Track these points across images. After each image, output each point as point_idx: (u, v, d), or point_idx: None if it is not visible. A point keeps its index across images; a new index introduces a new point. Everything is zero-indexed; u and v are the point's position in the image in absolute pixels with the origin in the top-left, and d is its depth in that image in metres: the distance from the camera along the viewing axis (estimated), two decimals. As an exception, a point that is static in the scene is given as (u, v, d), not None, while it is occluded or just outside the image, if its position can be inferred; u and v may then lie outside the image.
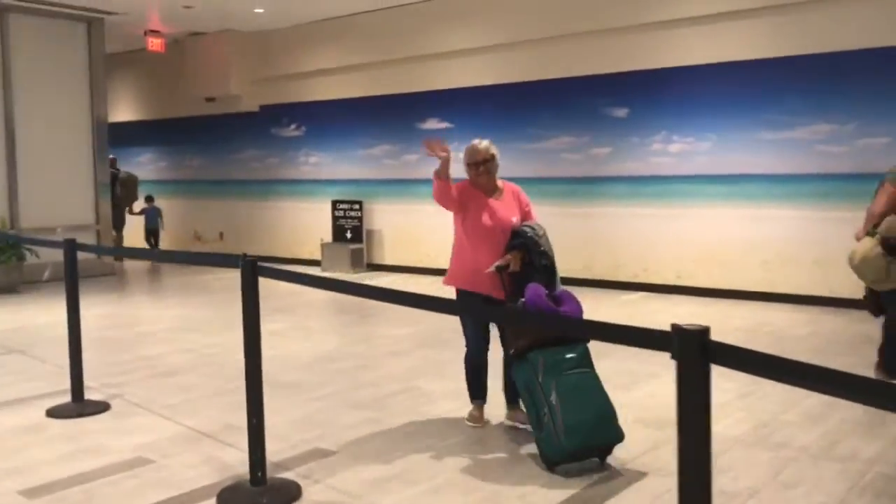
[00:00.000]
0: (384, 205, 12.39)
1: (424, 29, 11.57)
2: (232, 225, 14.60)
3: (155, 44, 13.29)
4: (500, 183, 4.68)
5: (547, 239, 4.49)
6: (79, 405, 5.14)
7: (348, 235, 12.61)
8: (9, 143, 11.39)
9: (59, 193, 11.98)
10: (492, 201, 4.58)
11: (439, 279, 4.96)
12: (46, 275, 11.50)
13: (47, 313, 8.99)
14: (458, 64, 11.39)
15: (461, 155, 4.72)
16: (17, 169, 11.45)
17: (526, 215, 4.67)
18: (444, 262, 5.08)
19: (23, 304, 9.66)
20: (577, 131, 10.29)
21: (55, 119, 11.91)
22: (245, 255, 3.82)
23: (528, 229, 4.46)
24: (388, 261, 12.42)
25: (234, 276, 3.88)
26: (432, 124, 11.72)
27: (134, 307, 9.90)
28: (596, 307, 8.68)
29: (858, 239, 5.06)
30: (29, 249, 10.88)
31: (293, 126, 13.56)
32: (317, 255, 12.94)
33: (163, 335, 7.71)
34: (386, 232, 12.43)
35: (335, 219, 12.76)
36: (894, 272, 4.81)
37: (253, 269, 3.76)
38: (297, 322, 8.33)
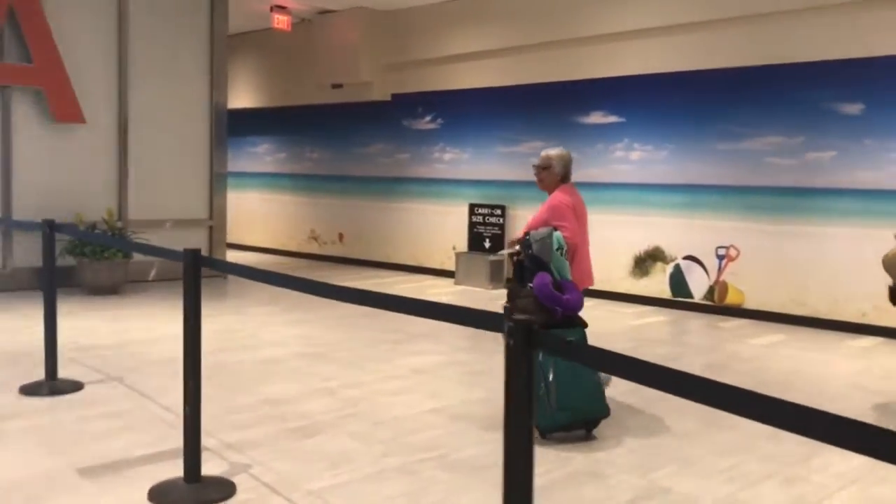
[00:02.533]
0: (530, 211, 10.63)
1: (588, 6, 9.81)
2: (353, 226, 13.19)
3: (280, 21, 12.00)
4: (555, 192, 5.14)
5: (544, 243, 4.73)
6: (193, 490, 3.61)
7: (487, 245, 10.98)
8: (121, 127, 10.25)
9: (171, 185, 10.80)
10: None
11: (597, 303, 5.98)
12: (153, 274, 10.32)
13: (152, 323, 7.68)
14: (632, 47, 9.58)
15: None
16: (128, 155, 10.30)
17: (543, 217, 5.02)
18: (602, 284, 5.88)
19: (125, 310, 8.40)
20: (789, 130, 8.33)
21: (172, 103, 10.72)
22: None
23: (532, 232, 4.84)
24: (533, 276, 10.69)
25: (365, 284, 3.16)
26: (597, 118, 9.95)
27: (250, 320, 8.51)
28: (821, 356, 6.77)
29: None
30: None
31: (428, 118, 12.02)
32: (449, 266, 11.37)
33: (289, 365, 6.22)
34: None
35: (472, 225, 11.15)
36: None
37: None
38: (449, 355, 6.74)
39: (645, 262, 9.51)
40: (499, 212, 10.84)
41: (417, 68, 12.04)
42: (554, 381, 4.38)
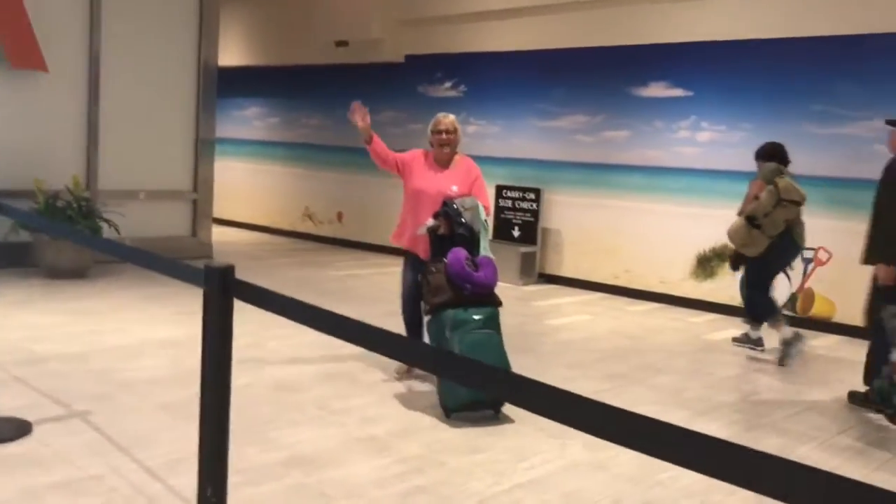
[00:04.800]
0: (570, 196, 9.23)
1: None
2: (354, 205, 11.64)
3: (282, -35, 10.35)
4: (457, 158, 5.13)
5: (475, 213, 4.73)
6: None
7: (516, 234, 9.53)
8: (92, 80, 8.59)
9: (150, 150, 9.19)
10: (436, 172, 5.05)
11: (642, 306, 7.07)
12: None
13: (128, 322, 6.14)
14: (706, 6, 8.14)
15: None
16: (99, 113, 8.65)
17: (475, 190, 4.97)
18: (650, 283, 7.15)
19: (93, 301, 6.83)
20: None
21: (152, 56, 9.09)
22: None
23: (456, 201, 4.76)
24: (568, 272, 9.28)
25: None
26: (657, 90, 8.50)
27: (251, 321, 6.99)
28: None
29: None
30: (106, 220, 8.10)
31: (448, 84, 10.48)
32: (469, 255, 9.90)
33: (311, 394, 4.73)
34: (569, 233, 9.28)
35: (500, 210, 9.68)
36: (753, 239, 6.02)
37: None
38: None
39: (711, 261, 8.13)
40: (532, 196, 9.37)
41: (437, 25, 10.47)
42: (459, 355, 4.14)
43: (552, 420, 1.78)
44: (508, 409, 4.45)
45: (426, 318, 4.71)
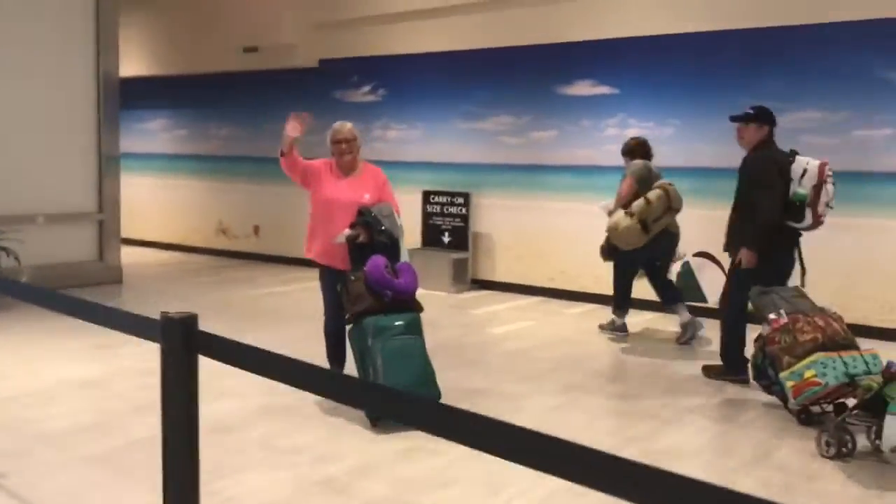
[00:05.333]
0: (500, 199, 9.01)
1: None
2: (271, 217, 11.13)
3: (184, -32, 9.78)
4: (361, 164, 5.09)
5: (393, 219, 4.76)
6: None
7: (446, 240, 9.25)
8: (-22, 94, 7.86)
9: (48, 170, 8.49)
10: (344, 180, 4.97)
11: (580, 307, 7.38)
12: (25, 277, 7.97)
13: (36, 360, 5.55)
14: (624, 3, 8.06)
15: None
16: (-11, 132, 7.93)
17: (385, 195, 4.95)
18: (585, 284, 7.78)
19: (-4, 341, 6.19)
20: (828, 103, 7.01)
21: (47, 71, 8.40)
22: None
23: (373, 209, 4.73)
24: (502, 277, 9.06)
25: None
26: (583, 89, 8.37)
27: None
28: None
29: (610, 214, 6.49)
30: (4, 249, 7.42)
31: (366, 88, 10.12)
32: (398, 264, 9.56)
33: (255, 433, 4.31)
34: (501, 237, 9.07)
35: (427, 216, 9.39)
36: (640, 239, 6.24)
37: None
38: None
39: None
40: (461, 200, 9.11)
41: (352, 28, 10.10)
42: (381, 363, 4.34)
43: (494, 456, 1.63)
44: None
45: (348, 328, 4.65)
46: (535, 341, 6.72)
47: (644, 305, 7.85)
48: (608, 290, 8.07)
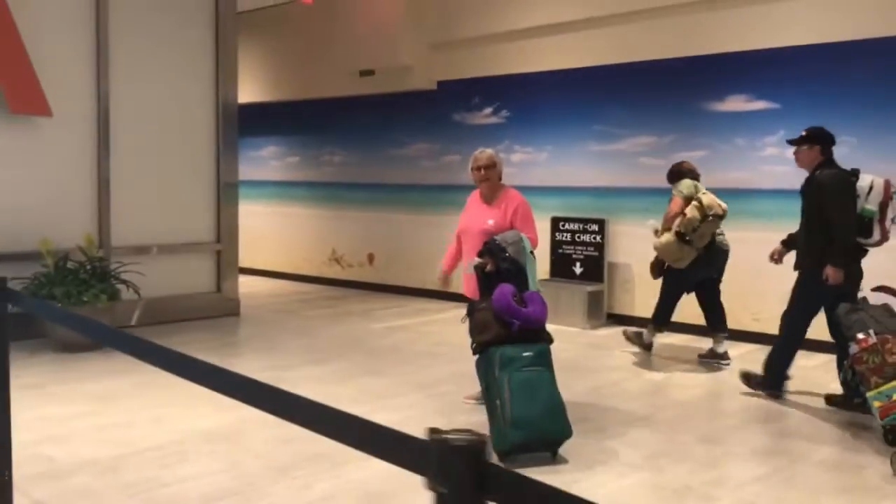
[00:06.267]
0: (639, 226, 8.22)
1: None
2: (386, 245, 10.68)
3: (302, -9, 9.48)
4: (502, 191, 5.11)
5: (518, 246, 4.62)
6: None
7: (578, 270, 8.55)
8: (101, 128, 7.67)
9: (168, 200, 8.25)
10: (481, 208, 5.11)
11: (739, 347, 6.70)
12: (135, 317, 7.69)
13: (157, 406, 5.12)
14: (790, 8, 7.24)
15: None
16: (109, 165, 7.71)
17: (517, 221, 4.95)
18: (742, 321, 7.11)
19: (113, 379, 5.79)
20: None
21: (166, 98, 8.19)
22: None
23: (498, 237, 4.67)
24: (642, 311, 8.23)
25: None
26: (737, 104, 7.57)
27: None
28: None
29: (658, 235, 6.56)
30: (124, 282, 7.13)
31: (488, 109, 9.56)
32: (524, 296, 8.90)
33: None
34: (641, 268, 8.27)
35: (556, 245, 8.71)
36: (685, 253, 6.36)
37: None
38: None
39: (814, 293, 7.13)
40: (595, 227, 8.41)
41: (471, 48, 9.58)
42: (508, 395, 4.17)
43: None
44: (565, 448, 4.28)
45: (474, 358, 4.52)
46: (701, 389, 5.92)
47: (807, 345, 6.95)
48: (770, 328, 7.23)
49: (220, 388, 2.24)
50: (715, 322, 6.73)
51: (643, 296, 8.25)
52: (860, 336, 4.64)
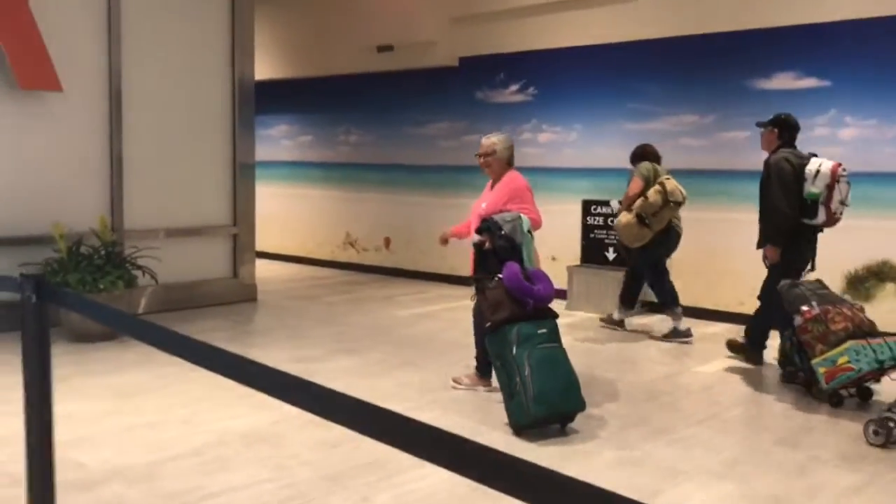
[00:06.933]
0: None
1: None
2: (402, 230, 10.31)
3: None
4: (506, 175, 5.17)
5: (515, 224, 4.73)
6: None
7: (611, 255, 8.20)
8: (113, 106, 7.26)
9: (183, 181, 7.87)
10: (486, 191, 5.30)
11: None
12: (142, 304, 7.33)
13: (186, 402, 4.77)
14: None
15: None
16: (122, 144, 7.31)
17: (511, 203, 4.99)
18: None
19: (135, 372, 5.44)
20: None
21: (181, 74, 7.78)
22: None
23: (497, 216, 4.79)
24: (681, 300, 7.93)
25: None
26: (785, 82, 7.21)
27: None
28: None
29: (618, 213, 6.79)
30: (141, 268, 6.76)
31: (514, 87, 9.17)
32: (559, 284, 8.56)
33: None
34: (680, 254, 7.93)
35: (587, 229, 8.36)
36: (643, 234, 6.55)
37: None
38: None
39: (865, 281, 6.82)
40: (629, 211, 8.04)
41: (497, 22, 9.17)
42: (529, 372, 4.26)
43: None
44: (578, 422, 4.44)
45: (486, 336, 4.59)
46: (754, 386, 5.60)
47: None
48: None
49: (255, 384, 2.00)
50: (667, 299, 6.87)
51: (681, 282, 7.89)
52: (804, 308, 4.99)
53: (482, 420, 4.61)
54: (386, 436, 1.55)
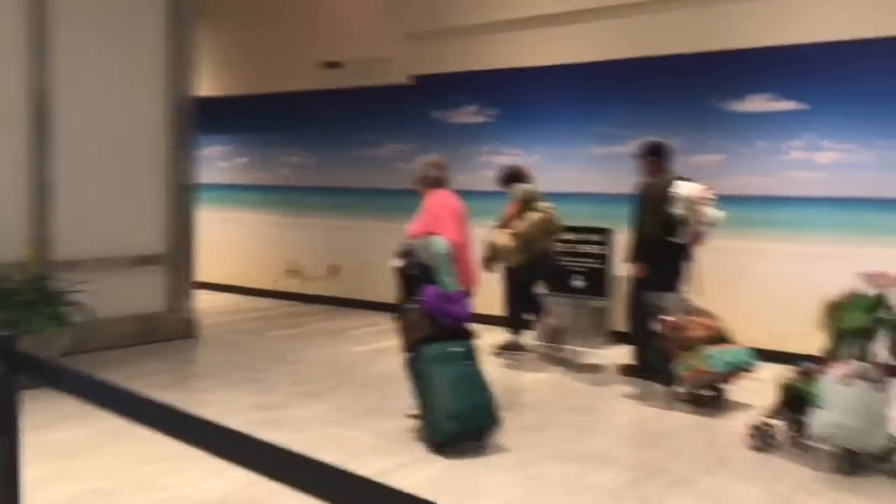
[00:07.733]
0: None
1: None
2: (350, 257, 9.76)
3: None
4: (428, 197, 5.27)
5: (427, 251, 4.83)
6: None
7: (579, 284, 7.85)
8: (39, 128, 6.52)
9: (116, 207, 7.15)
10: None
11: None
12: (72, 343, 6.51)
13: (140, 461, 4.11)
14: (809, 4, 6.74)
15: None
16: (50, 168, 6.57)
17: (428, 224, 5.09)
18: (757, 339, 6.20)
19: (79, 427, 4.73)
20: None
21: (113, 91, 7.10)
22: None
23: (411, 242, 4.97)
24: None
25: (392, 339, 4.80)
26: (758, 104, 7.02)
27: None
28: None
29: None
30: (74, 304, 6.02)
31: (473, 107, 8.77)
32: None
33: None
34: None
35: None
36: (518, 256, 6.64)
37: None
38: None
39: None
40: (597, 237, 7.73)
41: (454, 38, 8.78)
42: (443, 390, 4.41)
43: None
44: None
45: (405, 357, 4.69)
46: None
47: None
48: (785, 345, 6.78)
49: (221, 451, 1.78)
50: (524, 320, 7.10)
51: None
52: (666, 319, 5.53)
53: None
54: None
